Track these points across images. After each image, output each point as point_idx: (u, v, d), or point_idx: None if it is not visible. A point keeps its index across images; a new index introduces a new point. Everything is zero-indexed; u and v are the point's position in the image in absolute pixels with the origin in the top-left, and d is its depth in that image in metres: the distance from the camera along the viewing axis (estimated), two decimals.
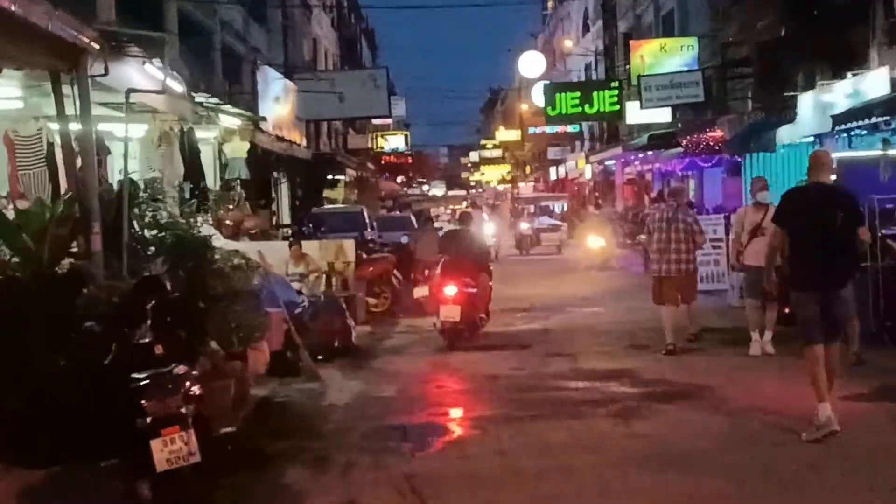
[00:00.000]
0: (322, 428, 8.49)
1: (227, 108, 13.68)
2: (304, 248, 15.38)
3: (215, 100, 12.89)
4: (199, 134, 13.43)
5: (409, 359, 12.16)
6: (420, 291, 16.58)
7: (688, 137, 26.86)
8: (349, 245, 16.06)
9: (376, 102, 27.78)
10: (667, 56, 26.56)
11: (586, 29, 51.95)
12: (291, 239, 15.56)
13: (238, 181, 15.82)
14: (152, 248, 8.61)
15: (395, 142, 59.66)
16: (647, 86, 23.08)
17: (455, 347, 12.66)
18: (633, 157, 38.13)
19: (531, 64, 50.37)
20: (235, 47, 23.20)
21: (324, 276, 15.26)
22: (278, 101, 20.18)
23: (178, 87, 10.28)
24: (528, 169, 75.92)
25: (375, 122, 57.56)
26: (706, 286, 17.90)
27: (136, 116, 11.51)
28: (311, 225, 19.02)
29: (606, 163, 43.37)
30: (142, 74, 8.95)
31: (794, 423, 7.68)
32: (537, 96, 45.22)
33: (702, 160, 28.25)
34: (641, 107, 23.80)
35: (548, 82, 40.79)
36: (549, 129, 48.00)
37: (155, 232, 8.55)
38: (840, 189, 8.55)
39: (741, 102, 26.37)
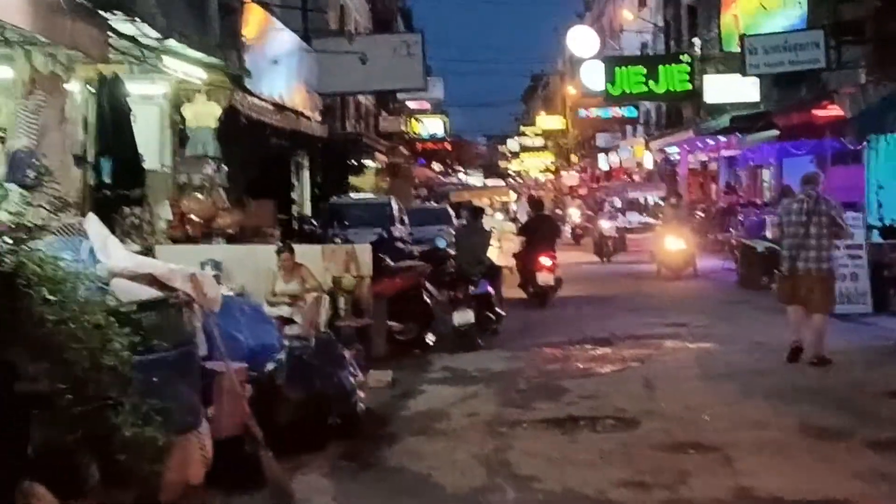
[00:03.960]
0: None
1: (175, 45, 8.98)
2: (302, 256, 10.89)
3: (155, 34, 8.22)
4: (136, 88, 8.89)
5: (446, 445, 7.53)
6: (462, 317, 12.05)
7: (787, 117, 22.03)
8: (364, 252, 11.51)
9: (409, 73, 22.99)
10: (767, 15, 21.58)
11: (643, 4, 47.05)
12: (280, 244, 10.97)
13: (211, 160, 11.28)
14: None
15: (432, 126, 54.79)
16: (752, 48, 18.22)
17: (545, 306, 15.65)
18: (701, 144, 33.30)
19: (582, 41, 45.59)
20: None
21: (326, 297, 10.76)
22: (278, 64, 15.41)
23: None
24: (573, 158, 71.03)
25: (411, 105, 53.02)
26: (841, 308, 13.41)
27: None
28: (315, 221, 14.42)
29: (667, 150, 38.54)
30: None
31: None
32: (587, 77, 40.61)
33: (794, 146, 23.45)
34: (744, 73, 18.94)
35: (606, 56, 36.00)
36: (602, 113, 43.17)
37: None
38: None
39: (848, 73, 21.33)
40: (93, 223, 6.24)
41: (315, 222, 15.44)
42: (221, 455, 6.48)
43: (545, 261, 15.80)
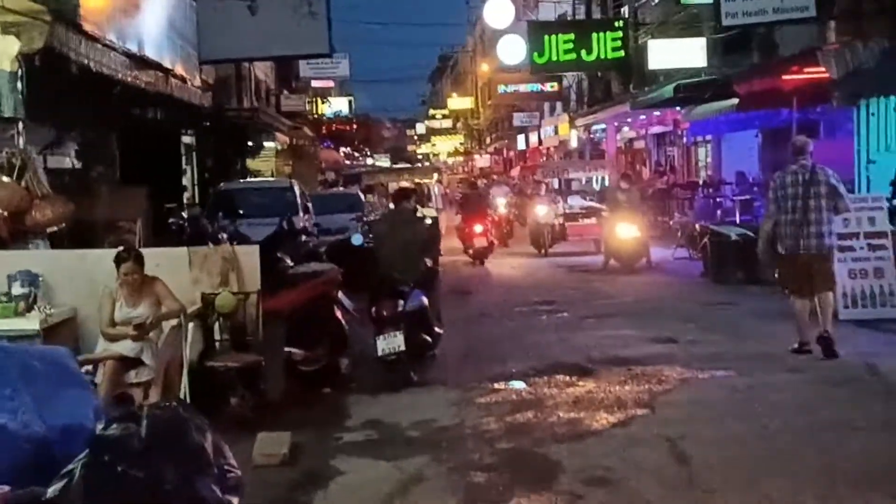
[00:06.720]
0: None
1: None
2: (157, 266, 7.49)
3: None
4: None
5: None
6: (388, 343, 8.76)
7: (748, 84, 19.10)
8: (250, 256, 8.13)
9: (312, 36, 19.47)
10: None
11: None
12: (121, 250, 7.46)
13: (21, 124, 7.76)
14: None
15: (337, 105, 51.14)
16: None
17: (483, 263, 19.91)
18: (633, 119, 30.53)
19: (499, 12, 42.44)
20: None
21: (192, 325, 7.38)
22: (139, 8, 11.59)
23: None
24: (486, 139, 68.12)
25: (316, 84, 49.30)
26: (861, 313, 10.94)
27: None
28: (184, 213, 10.90)
29: (594, 128, 35.66)
30: None
31: None
32: (503, 51, 37.85)
33: (748, 117, 20.69)
34: (720, 24, 15.80)
35: (533, 21, 33.03)
36: (524, 88, 40.21)
37: None
38: None
39: (801, 31, 18.32)
40: None
41: (184, 214, 11.82)
42: None
43: (478, 228, 20.25)
